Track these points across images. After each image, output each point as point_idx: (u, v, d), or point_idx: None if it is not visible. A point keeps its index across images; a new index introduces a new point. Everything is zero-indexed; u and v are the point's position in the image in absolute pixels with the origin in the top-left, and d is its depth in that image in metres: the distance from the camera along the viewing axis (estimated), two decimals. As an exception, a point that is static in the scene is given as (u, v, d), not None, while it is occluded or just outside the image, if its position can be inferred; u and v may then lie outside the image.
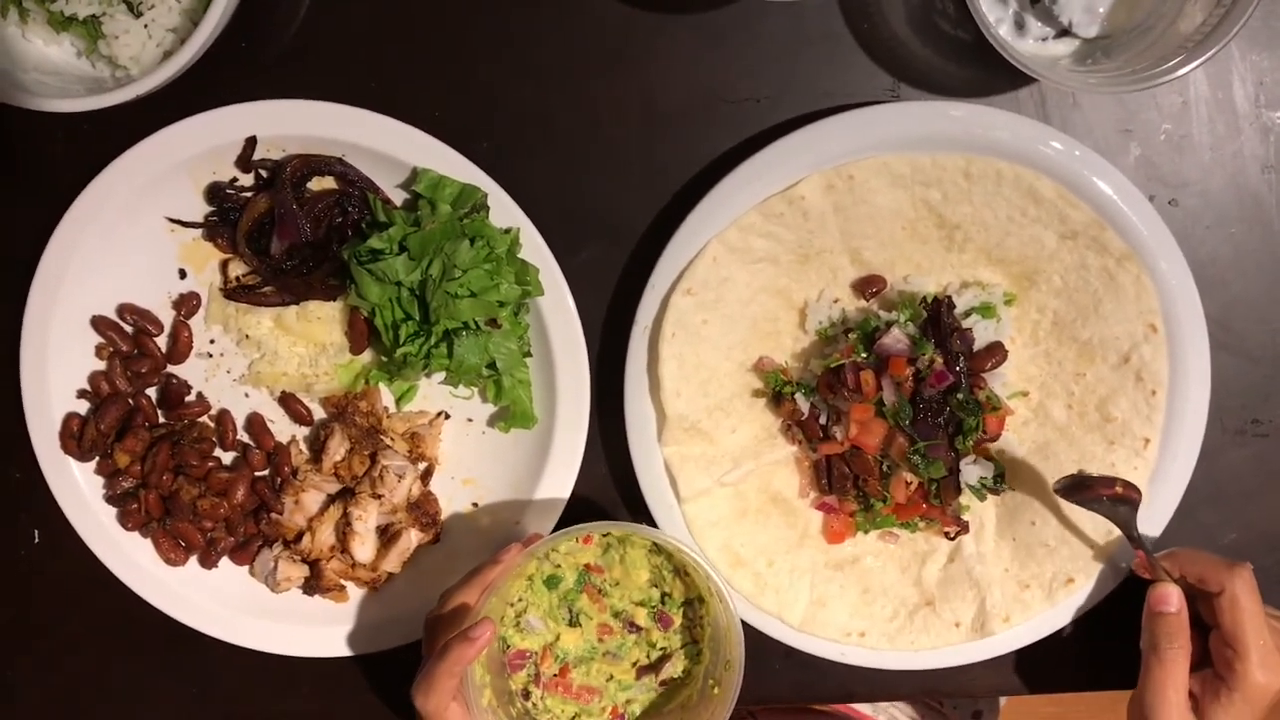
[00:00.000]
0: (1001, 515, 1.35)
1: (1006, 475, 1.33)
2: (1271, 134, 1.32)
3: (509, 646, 1.32)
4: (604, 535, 1.32)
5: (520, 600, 1.33)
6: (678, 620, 1.33)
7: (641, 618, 1.32)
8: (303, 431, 1.40)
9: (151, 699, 1.45)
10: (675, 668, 1.34)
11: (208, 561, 1.38)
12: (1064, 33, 1.26)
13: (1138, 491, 1.26)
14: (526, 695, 1.33)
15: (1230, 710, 1.21)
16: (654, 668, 1.34)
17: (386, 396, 1.39)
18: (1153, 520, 1.31)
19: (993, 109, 1.24)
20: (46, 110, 1.23)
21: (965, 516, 1.33)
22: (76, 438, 1.35)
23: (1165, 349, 1.28)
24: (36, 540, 1.42)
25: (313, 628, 1.38)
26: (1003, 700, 2.48)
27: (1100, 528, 1.30)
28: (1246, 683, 1.19)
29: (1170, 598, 1.23)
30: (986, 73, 1.31)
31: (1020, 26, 1.26)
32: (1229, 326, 1.34)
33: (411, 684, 1.26)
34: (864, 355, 1.27)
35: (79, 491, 1.36)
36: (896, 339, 1.25)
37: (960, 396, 1.25)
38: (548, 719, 1.32)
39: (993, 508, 1.35)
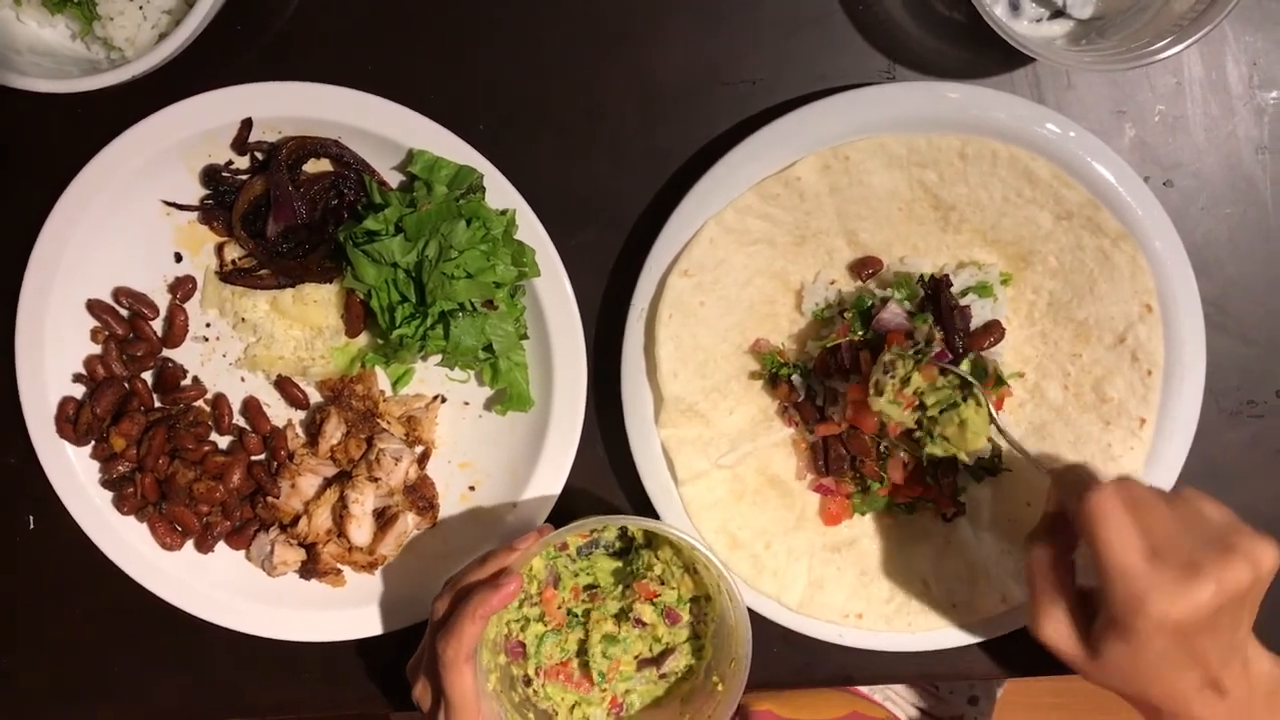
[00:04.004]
0: (997, 496, 1.35)
1: (1002, 456, 1.33)
2: (1265, 115, 1.32)
3: (510, 635, 1.32)
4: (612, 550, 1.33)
5: (524, 596, 1.32)
6: (685, 617, 1.32)
7: (648, 614, 1.31)
8: (299, 415, 1.40)
9: (148, 684, 1.45)
10: (678, 662, 1.33)
11: (204, 546, 1.37)
12: (1058, 14, 1.26)
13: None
14: (528, 682, 1.32)
15: (1115, 643, 1.05)
16: (656, 661, 1.33)
17: (383, 380, 1.39)
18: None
19: (988, 90, 1.25)
20: (41, 91, 1.22)
21: (962, 498, 1.33)
22: (72, 421, 1.34)
23: (1161, 329, 1.28)
24: (31, 526, 1.42)
25: (309, 612, 1.38)
26: (1000, 691, 2.49)
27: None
28: (1121, 619, 1.02)
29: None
30: (981, 55, 1.32)
31: (1015, 8, 1.26)
32: (1224, 307, 1.35)
33: (408, 659, 1.26)
34: (861, 333, 1.27)
35: (74, 476, 1.36)
36: (894, 313, 1.26)
37: (958, 374, 1.25)
38: (548, 706, 1.32)
39: (989, 489, 1.35)
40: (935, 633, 1.34)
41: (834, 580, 1.35)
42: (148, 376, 1.38)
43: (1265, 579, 1.03)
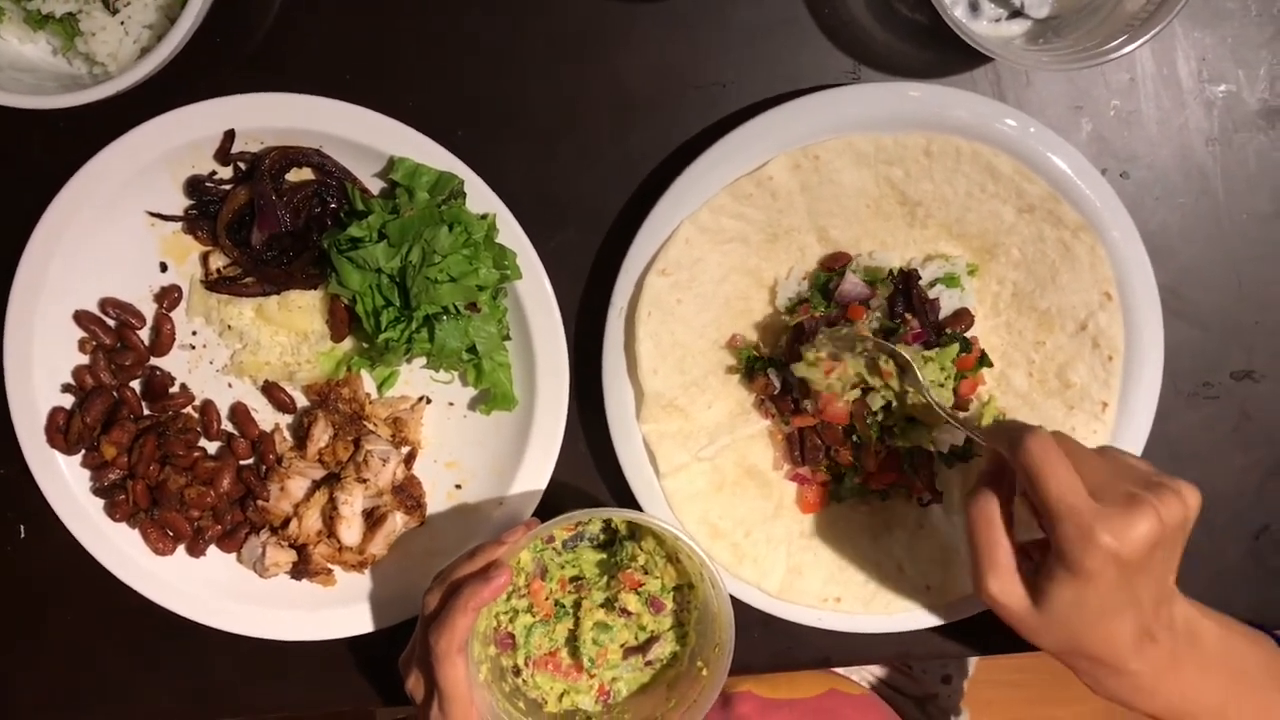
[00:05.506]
0: (967, 480, 1.39)
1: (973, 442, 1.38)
2: (1214, 108, 1.37)
3: (500, 627, 1.35)
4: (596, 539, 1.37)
5: (512, 589, 1.36)
6: (669, 605, 1.36)
7: (633, 604, 1.35)
8: (286, 419, 1.42)
9: (143, 688, 1.47)
10: (663, 649, 1.36)
11: (196, 550, 1.39)
12: (1016, 14, 1.30)
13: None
14: (517, 672, 1.36)
15: (1061, 587, 1.07)
16: (641, 649, 1.37)
17: (368, 383, 1.41)
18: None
19: (950, 89, 1.28)
20: (23, 107, 1.23)
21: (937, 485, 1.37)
22: (63, 431, 1.36)
23: (1120, 316, 1.32)
24: (22, 535, 1.44)
25: (301, 611, 1.40)
26: (970, 669, 2.55)
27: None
28: (1069, 556, 1.04)
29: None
30: (943, 54, 1.36)
31: (974, 8, 1.30)
32: (1180, 293, 1.40)
33: (399, 655, 1.29)
34: (823, 308, 1.31)
35: (65, 484, 1.37)
36: (854, 283, 1.30)
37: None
38: (537, 695, 1.36)
39: (959, 472, 1.39)
40: (911, 614, 1.38)
41: (812, 566, 1.39)
42: (136, 385, 1.40)
43: (1192, 519, 1.08)
